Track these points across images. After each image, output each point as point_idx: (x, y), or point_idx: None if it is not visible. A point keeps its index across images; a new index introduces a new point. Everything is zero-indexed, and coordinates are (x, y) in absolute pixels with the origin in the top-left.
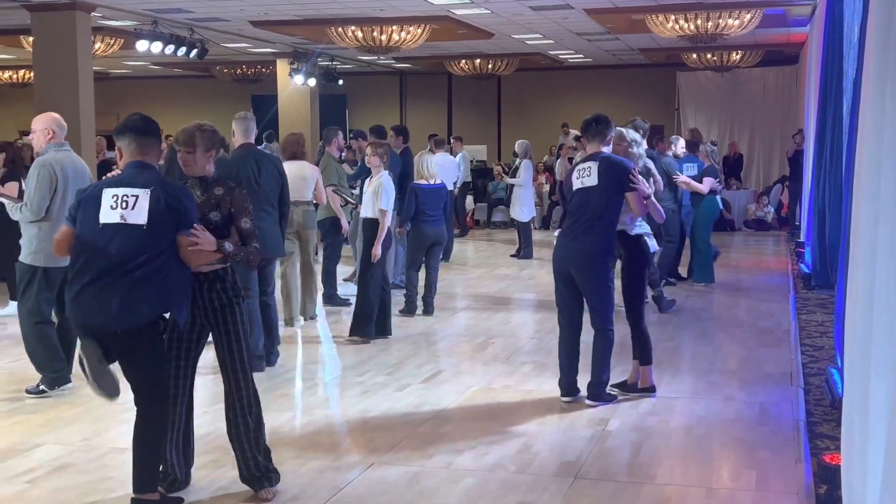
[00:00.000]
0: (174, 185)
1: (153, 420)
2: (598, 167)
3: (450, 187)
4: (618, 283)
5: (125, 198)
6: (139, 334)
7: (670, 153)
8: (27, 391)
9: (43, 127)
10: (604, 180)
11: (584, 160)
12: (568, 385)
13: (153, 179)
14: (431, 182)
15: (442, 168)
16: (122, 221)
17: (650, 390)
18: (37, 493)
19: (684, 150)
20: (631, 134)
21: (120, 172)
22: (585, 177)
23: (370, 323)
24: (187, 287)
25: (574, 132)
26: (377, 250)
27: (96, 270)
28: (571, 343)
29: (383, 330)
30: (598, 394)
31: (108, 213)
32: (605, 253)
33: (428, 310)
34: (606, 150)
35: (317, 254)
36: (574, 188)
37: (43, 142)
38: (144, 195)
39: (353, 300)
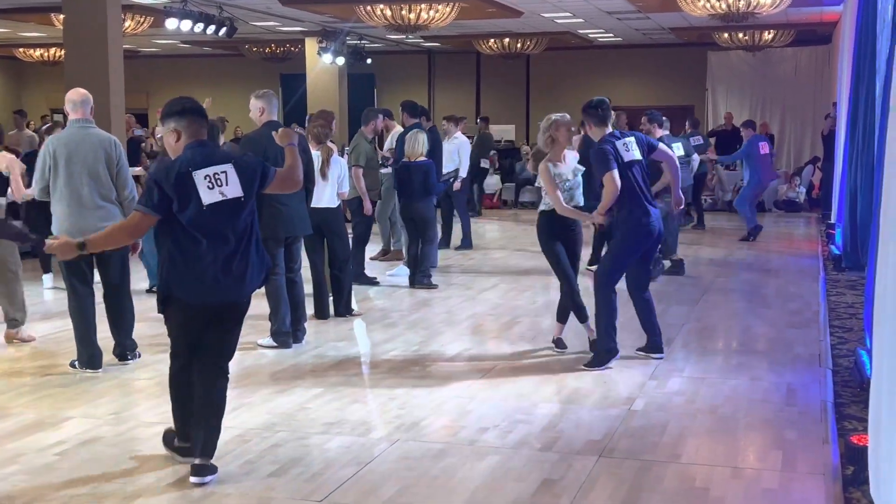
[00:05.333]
0: (241, 154)
1: (226, 386)
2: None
3: (463, 173)
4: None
5: (216, 176)
6: (247, 301)
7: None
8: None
9: (65, 105)
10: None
11: (620, 136)
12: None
13: (225, 153)
14: (414, 160)
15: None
16: (223, 198)
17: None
18: (66, 466)
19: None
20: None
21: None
22: (634, 150)
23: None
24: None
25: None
26: None
27: (217, 249)
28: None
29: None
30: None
31: (209, 194)
32: None
33: (411, 282)
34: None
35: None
36: (626, 160)
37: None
38: (231, 169)
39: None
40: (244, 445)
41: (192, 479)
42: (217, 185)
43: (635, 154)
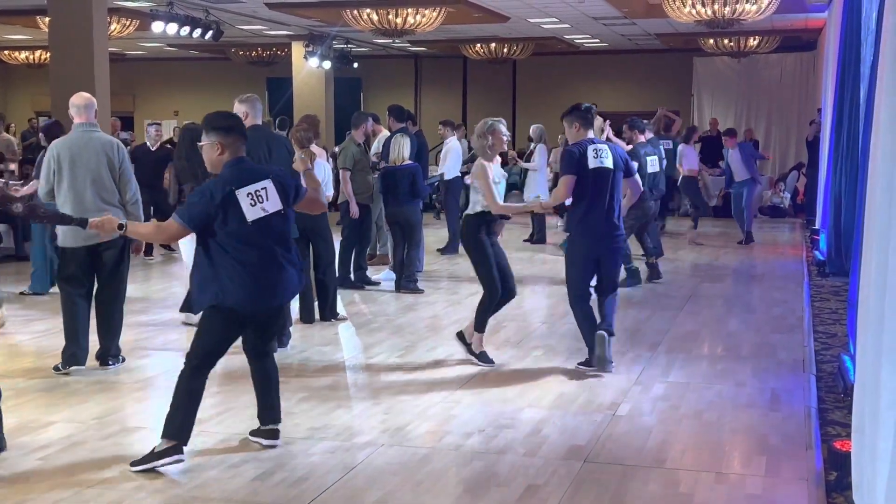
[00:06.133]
0: (276, 168)
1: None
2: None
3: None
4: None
5: (258, 193)
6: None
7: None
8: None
9: (69, 109)
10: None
11: (595, 143)
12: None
13: (263, 169)
14: (400, 164)
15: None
16: (265, 213)
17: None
18: (49, 470)
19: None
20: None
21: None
22: (606, 158)
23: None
24: None
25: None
26: None
27: (263, 258)
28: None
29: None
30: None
31: (251, 211)
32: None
33: (397, 286)
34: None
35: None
36: (592, 166)
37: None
38: (270, 184)
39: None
40: (228, 450)
41: (275, 441)
42: (258, 202)
43: (606, 162)
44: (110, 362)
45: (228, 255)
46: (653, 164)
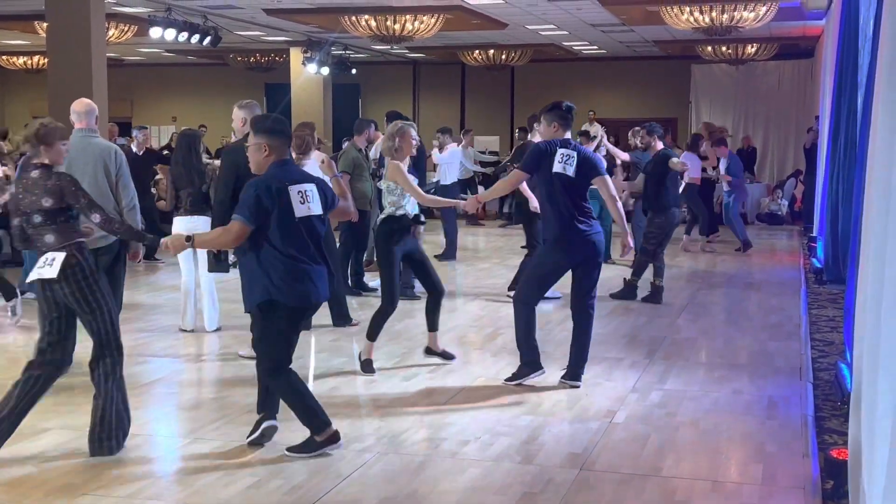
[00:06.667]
0: (316, 177)
1: None
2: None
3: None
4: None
5: (304, 193)
6: None
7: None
8: None
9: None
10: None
11: (565, 146)
12: None
13: (307, 173)
14: None
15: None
16: (310, 213)
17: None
18: (43, 478)
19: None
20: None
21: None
22: (569, 164)
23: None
24: None
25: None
26: None
27: (308, 256)
28: None
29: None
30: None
31: (300, 208)
32: None
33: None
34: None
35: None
36: (554, 170)
37: None
38: (314, 188)
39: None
40: (223, 457)
41: (340, 443)
42: (306, 201)
43: (569, 170)
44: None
45: (276, 251)
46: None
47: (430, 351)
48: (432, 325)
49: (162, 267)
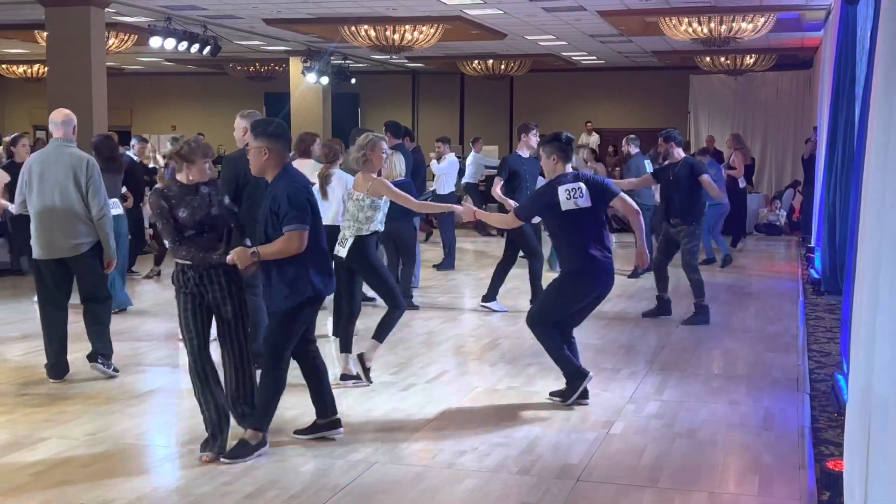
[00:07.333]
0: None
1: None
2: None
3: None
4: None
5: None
6: None
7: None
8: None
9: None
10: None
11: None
12: None
13: (307, 178)
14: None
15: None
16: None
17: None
18: (40, 487)
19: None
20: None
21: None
22: (579, 197)
23: None
24: None
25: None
26: None
27: (325, 250)
28: None
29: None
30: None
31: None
32: None
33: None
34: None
35: None
36: (564, 208)
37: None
38: (315, 192)
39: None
40: (221, 466)
41: (342, 430)
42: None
43: (581, 202)
44: (99, 361)
45: (313, 248)
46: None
47: (344, 377)
48: (346, 345)
49: (136, 279)
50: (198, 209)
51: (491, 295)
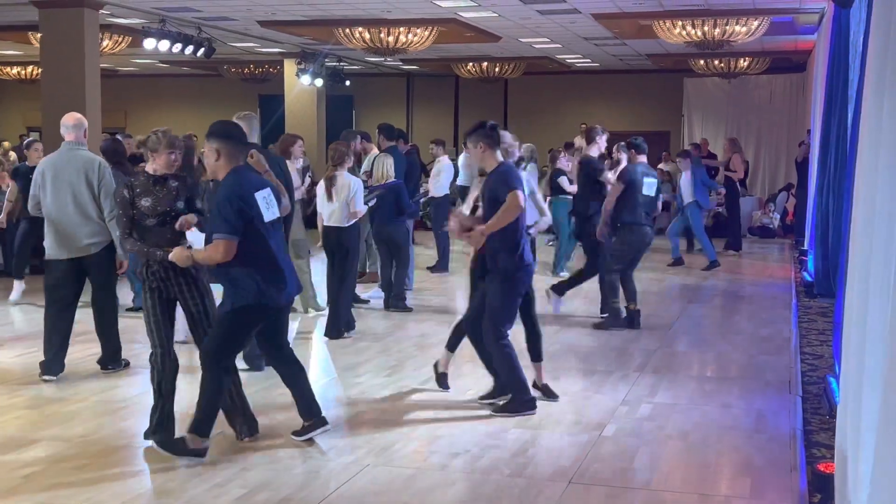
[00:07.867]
0: (268, 181)
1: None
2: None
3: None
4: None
5: (267, 198)
6: None
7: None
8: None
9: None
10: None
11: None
12: None
13: (262, 178)
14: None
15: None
16: (274, 217)
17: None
18: (33, 488)
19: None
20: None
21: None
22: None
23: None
24: None
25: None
26: None
27: (280, 258)
28: None
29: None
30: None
31: (267, 213)
32: None
33: (386, 305)
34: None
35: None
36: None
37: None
38: (270, 192)
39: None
40: (213, 468)
41: (329, 426)
42: (269, 206)
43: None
44: (109, 366)
45: (258, 255)
46: (649, 188)
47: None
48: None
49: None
50: (162, 200)
51: (562, 288)
